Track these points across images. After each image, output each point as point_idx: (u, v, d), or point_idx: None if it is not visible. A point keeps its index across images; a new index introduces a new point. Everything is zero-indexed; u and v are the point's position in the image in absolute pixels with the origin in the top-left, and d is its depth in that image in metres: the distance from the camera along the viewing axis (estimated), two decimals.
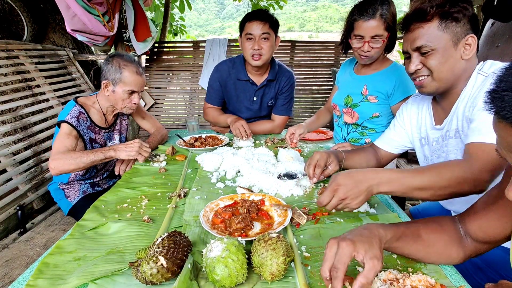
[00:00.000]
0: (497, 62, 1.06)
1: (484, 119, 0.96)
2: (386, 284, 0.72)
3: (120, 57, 1.66)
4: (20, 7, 3.41)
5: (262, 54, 1.90)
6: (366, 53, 1.58)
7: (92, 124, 1.71)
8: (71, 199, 1.78)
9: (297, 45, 4.88)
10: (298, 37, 45.31)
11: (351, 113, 1.78)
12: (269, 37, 1.89)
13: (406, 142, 1.37)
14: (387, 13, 1.50)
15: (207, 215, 1.03)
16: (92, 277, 0.78)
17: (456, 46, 1.03)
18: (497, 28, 2.62)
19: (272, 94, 2.14)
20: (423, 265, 0.82)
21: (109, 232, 1.01)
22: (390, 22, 1.52)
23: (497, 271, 1.05)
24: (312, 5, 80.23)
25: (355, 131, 1.82)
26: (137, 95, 1.70)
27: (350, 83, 1.79)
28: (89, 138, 1.70)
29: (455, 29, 1.02)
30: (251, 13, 1.93)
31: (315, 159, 1.25)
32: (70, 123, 1.59)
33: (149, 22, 3.90)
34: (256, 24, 1.86)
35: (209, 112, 2.21)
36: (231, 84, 2.12)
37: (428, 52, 1.04)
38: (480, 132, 0.97)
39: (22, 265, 1.97)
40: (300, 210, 1.07)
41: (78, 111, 1.65)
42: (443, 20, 1.02)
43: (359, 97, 1.73)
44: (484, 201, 0.81)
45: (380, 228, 0.75)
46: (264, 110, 2.20)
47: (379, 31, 1.52)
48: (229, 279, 0.72)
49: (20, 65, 2.97)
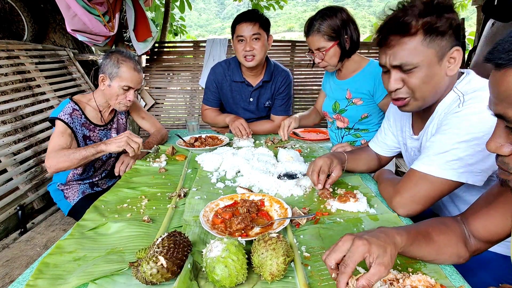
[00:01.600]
0: (477, 77, 1.01)
1: (434, 147, 0.97)
2: (386, 284, 0.72)
3: (119, 53, 1.67)
4: (20, 7, 3.41)
5: (254, 55, 1.90)
6: (321, 65, 1.69)
7: (86, 121, 1.70)
8: (70, 200, 1.78)
9: (297, 45, 4.87)
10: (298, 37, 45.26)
11: (341, 119, 1.81)
12: (260, 37, 1.89)
13: (396, 144, 1.37)
14: (323, 27, 1.57)
15: (207, 215, 1.03)
16: (92, 277, 0.78)
17: (441, 62, 0.95)
18: (497, 28, 2.61)
19: (268, 95, 2.14)
20: (423, 265, 0.82)
21: (109, 232, 1.01)
22: (330, 34, 1.57)
23: (488, 270, 1.05)
24: (312, 5, 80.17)
25: (349, 134, 1.85)
26: (132, 92, 1.69)
27: (334, 90, 1.82)
28: (83, 135, 1.69)
29: (440, 43, 0.92)
30: (240, 15, 1.92)
31: (318, 165, 1.20)
32: (63, 120, 1.59)
33: (150, 22, 3.90)
34: (246, 25, 1.86)
35: (207, 114, 2.21)
36: (227, 85, 2.12)
37: (410, 69, 0.95)
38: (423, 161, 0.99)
39: (22, 265, 1.97)
40: (300, 210, 1.07)
41: (72, 108, 1.65)
42: (428, 34, 0.91)
43: (345, 102, 1.76)
44: (484, 200, 0.82)
45: (396, 234, 0.73)
46: (261, 111, 2.20)
47: (320, 44, 1.60)
48: (229, 279, 0.72)
49: (20, 65, 2.97)
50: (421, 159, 1.01)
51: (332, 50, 1.60)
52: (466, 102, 0.95)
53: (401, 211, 1.05)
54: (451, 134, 0.95)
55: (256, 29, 1.87)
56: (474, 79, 1.01)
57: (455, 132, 0.94)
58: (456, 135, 0.94)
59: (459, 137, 0.93)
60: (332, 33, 1.57)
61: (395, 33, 0.94)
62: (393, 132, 1.35)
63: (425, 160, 1.00)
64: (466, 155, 0.93)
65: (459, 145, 0.93)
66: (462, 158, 0.93)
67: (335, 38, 1.58)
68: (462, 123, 0.94)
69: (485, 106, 0.90)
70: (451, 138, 0.95)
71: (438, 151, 0.97)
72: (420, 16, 0.91)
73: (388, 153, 1.41)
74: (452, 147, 0.94)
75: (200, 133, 2.05)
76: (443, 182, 0.96)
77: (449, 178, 0.95)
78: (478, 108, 0.92)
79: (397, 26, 0.93)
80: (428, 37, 0.92)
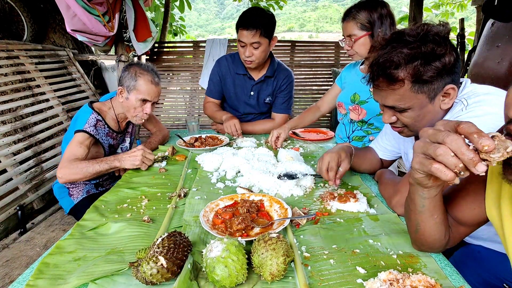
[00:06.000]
0: (476, 85, 1.01)
1: None
2: (386, 284, 0.72)
3: (138, 66, 1.67)
4: (20, 7, 3.40)
5: (253, 61, 1.96)
6: (349, 53, 1.70)
7: (110, 130, 1.71)
8: (74, 198, 1.78)
9: (297, 45, 4.88)
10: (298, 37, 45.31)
11: (358, 110, 1.78)
12: (260, 45, 1.90)
13: (397, 150, 1.37)
14: (359, 15, 1.59)
15: (207, 215, 1.03)
16: (92, 277, 0.78)
17: (434, 100, 0.94)
18: (497, 28, 2.61)
19: (269, 91, 2.17)
20: (423, 265, 0.82)
21: (109, 232, 1.01)
22: (364, 24, 1.59)
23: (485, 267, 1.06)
24: (312, 5, 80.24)
25: (360, 129, 1.82)
26: (149, 105, 1.68)
27: (357, 82, 1.80)
28: (108, 144, 1.71)
29: (431, 87, 0.91)
30: (244, 17, 1.89)
31: (325, 162, 1.19)
32: (89, 132, 1.58)
33: (149, 22, 3.90)
34: (247, 32, 1.86)
35: (208, 107, 2.26)
36: (230, 78, 2.16)
37: (402, 110, 0.96)
38: None
39: (22, 265, 1.97)
40: (300, 210, 1.07)
41: (96, 119, 1.64)
42: (416, 82, 0.90)
43: (367, 94, 1.74)
44: (456, 187, 0.84)
45: None
46: (262, 106, 2.23)
47: (352, 31, 1.61)
48: (229, 279, 0.72)
49: (20, 65, 2.97)
50: None
51: (362, 39, 1.61)
52: (470, 106, 0.95)
53: (401, 211, 1.05)
54: None
55: (257, 38, 1.87)
56: (475, 86, 1.01)
57: None
58: None
59: None
60: (366, 23, 1.58)
61: (384, 78, 0.93)
62: (396, 139, 1.35)
63: None
64: None
65: None
66: None
67: (368, 29, 1.59)
68: None
69: (488, 110, 0.90)
70: None
71: None
72: (406, 62, 0.88)
73: (388, 157, 1.42)
74: None
75: (200, 133, 2.05)
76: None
77: None
78: (481, 111, 0.92)
79: (385, 74, 0.92)
80: (416, 85, 0.91)
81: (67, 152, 1.54)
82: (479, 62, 2.74)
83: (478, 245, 1.12)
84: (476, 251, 1.11)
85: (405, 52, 0.88)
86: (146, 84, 1.63)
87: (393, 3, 41.28)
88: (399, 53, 0.89)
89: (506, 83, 2.38)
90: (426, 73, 0.88)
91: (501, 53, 2.49)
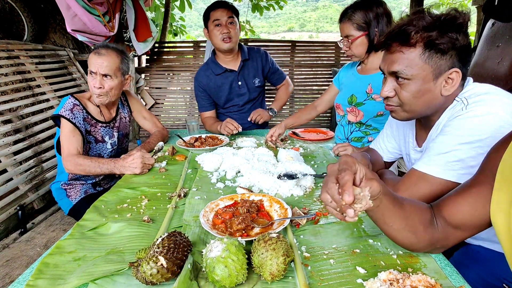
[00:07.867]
0: (478, 84, 1.01)
1: (436, 148, 0.97)
2: (386, 284, 0.72)
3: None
4: (20, 7, 3.40)
5: (231, 37, 2.07)
6: (347, 54, 1.71)
7: (88, 116, 1.71)
8: (72, 199, 1.78)
9: (297, 45, 4.88)
10: (298, 37, 45.25)
11: (356, 112, 1.78)
12: (234, 22, 2.08)
13: (397, 151, 1.37)
14: (355, 16, 1.60)
15: (207, 215, 1.03)
16: (92, 277, 0.78)
17: (437, 80, 0.95)
18: (497, 28, 2.62)
19: (253, 73, 2.26)
20: (423, 265, 0.82)
21: (109, 232, 1.01)
22: (360, 24, 1.60)
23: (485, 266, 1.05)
24: (312, 5, 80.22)
25: (359, 130, 1.82)
26: (98, 78, 1.62)
27: (354, 83, 1.80)
28: (85, 130, 1.69)
29: (439, 62, 0.93)
30: (214, 3, 2.10)
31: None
32: (64, 116, 1.58)
33: (150, 22, 3.90)
34: (221, 11, 2.06)
35: (206, 122, 2.32)
36: (213, 84, 2.23)
37: (404, 79, 0.97)
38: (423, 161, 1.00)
39: (22, 265, 1.97)
40: (300, 210, 1.07)
41: (72, 103, 1.64)
42: (427, 49, 0.92)
43: (364, 95, 1.74)
44: (458, 188, 0.83)
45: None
46: (253, 91, 2.30)
47: (348, 32, 1.63)
48: (229, 279, 0.72)
49: (20, 65, 2.97)
50: (422, 159, 1.01)
51: (359, 40, 1.62)
52: (470, 105, 0.95)
53: None
54: (453, 135, 0.95)
55: (231, 14, 2.07)
56: (477, 85, 1.01)
57: (457, 134, 0.94)
58: (458, 137, 0.93)
59: (461, 138, 0.93)
60: (362, 24, 1.59)
61: (396, 40, 0.96)
62: (396, 140, 1.34)
63: (425, 160, 1.00)
64: (468, 157, 0.92)
65: (461, 147, 0.93)
66: (463, 160, 0.93)
67: (364, 29, 1.60)
68: (464, 125, 0.93)
69: (488, 109, 0.90)
70: (453, 139, 0.94)
71: (439, 151, 0.97)
72: (424, 29, 0.91)
73: (390, 159, 1.41)
74: (453, 148, 0.94)
75: (200, 133, 2.05)
76: (442, 182, 0.96)
77: (448, 179, 0.95)
78: (481, 111, 0.91)
79: (399, 34, 0.95)
80: (427, 52, 0.92)
81: (64, 146, 1.59)
82: (479, 62, 2.74)
83: (477, 245, 1.12)
84: (475, 251, 1.11)
85: (425, 19, 0.92)
86: (91, 56, 1.64)
87: (393, 3, 40.81)
88: (420, 19, 0.92)
89: (506, 83, 2.38)
90: (440, 39, 0.90)
91: (501, 53, 2.49)
